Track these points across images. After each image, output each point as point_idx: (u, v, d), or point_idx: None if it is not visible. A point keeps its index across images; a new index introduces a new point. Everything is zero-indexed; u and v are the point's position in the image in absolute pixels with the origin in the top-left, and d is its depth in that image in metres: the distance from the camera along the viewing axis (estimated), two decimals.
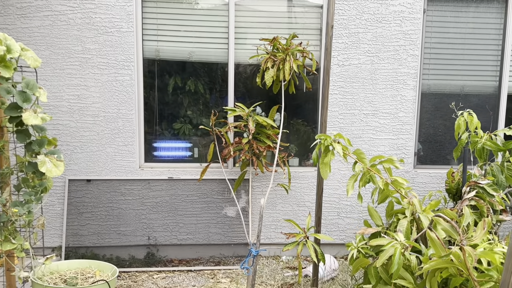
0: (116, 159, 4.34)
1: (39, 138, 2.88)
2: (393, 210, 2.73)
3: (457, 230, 2.00)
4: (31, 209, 2.80)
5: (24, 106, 2.66)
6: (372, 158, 2.77)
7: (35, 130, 2.86)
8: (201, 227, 4.44)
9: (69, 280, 3.07)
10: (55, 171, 2.86)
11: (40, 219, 3.10)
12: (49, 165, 2.83)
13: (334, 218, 4.55)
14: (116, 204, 4.35)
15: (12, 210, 2.69)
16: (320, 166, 2.93)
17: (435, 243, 2.18)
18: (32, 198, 2.86)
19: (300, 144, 4.57)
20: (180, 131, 4.56)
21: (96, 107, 4.24)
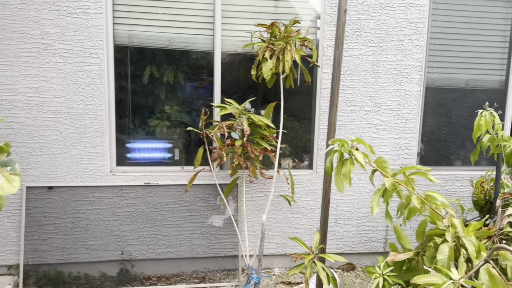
0: (83, 162, 3.72)
1: None
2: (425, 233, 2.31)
3: None
4: None
5: None
6: (402, 169, 2.33)
7: None
8: (182, 238, 3.91)
9: None
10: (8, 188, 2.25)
11: None
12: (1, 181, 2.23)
13: (331, 225, 4.13)
14: (83, 214, 3.74)
15: None
16: (336, 178, 2.46)
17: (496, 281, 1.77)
18: None
19: (292, 144, 4.10)
20: (157, 129, 3.98)
21: (58, 102, 3.59)
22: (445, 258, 2.05)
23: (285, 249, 4.07)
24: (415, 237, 2.39)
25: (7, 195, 3.64)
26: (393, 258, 2.25)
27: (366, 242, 4.18)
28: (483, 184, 2.92)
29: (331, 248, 4.14)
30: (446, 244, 2.10)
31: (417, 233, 2.36)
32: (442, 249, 2.08)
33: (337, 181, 2.47)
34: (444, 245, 2.10)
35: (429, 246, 2.23)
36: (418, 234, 2.36)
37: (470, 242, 2.06)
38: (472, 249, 2.04)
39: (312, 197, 4.04)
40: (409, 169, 2.35)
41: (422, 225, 2.33)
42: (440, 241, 2.15)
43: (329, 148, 2.53)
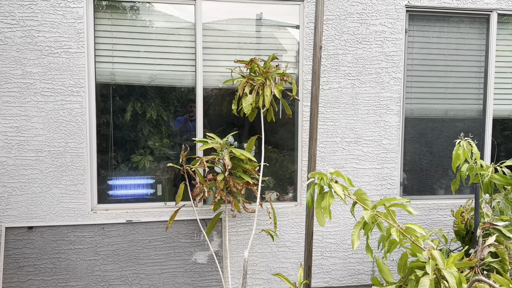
0: (63, 201, 3.66)
1: None
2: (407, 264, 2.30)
3: None
4: None
5: None
6: (380, 201, 2.34)
7: None
8: (166, 277, 3.82)
9: None
10: None
11: None
12: None
13: (317, 258, 4.08)
14: (64, 254, 3.65)
15: None
16: (316, 211, 2.46)
17: None
18: None
19: (276, 176, 4.10)
20: (140, 165, 3.96)
21: (39, 141, 3.57)
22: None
23: (272, 284, 3.99)
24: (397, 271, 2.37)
25: None
26: None
27: (354, 274, 4.13)
28: (463, 213, 2.94)
29: (318, 282, 4.07)
30: (427, 276, 2.09)
31: (398, 266, 2.35)
32: (423, 282, 2.07)
33: (318, 215, 2.47)
34: (424, 277, 2.09)
35: (410, 279, 2.21)
36: (400, 267, 2.34)
37: (451, 274, 2.06)
38: (452, 281, 2.03)
39: (298, 230, 4.01)
40: (388, 201, 2.36)
41: (403, 257, 2.32)
42: (421, 274, 2.14)
43: (309, 181, 2.54)
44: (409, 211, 2.28)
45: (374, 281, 2.41)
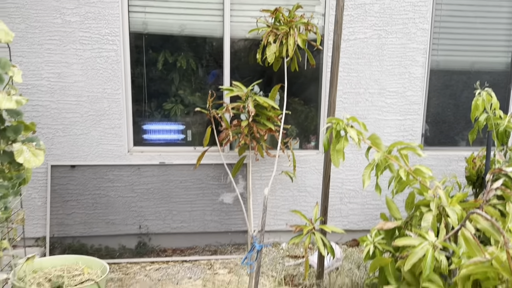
0: (102, 143, 3.99)
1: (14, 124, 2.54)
2: (414, 202, 2.47)
3: (501, 231, 1.75)
4: (7, 205, 2.48)
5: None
6: (392, 144, 2.49)
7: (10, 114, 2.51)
8: (196, 214, 4.17)
9: (54, 279, 2.78)
10: (34, 161, 2.53)
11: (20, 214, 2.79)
12: (27, 155, 2.50)
13: (336, 203, 4.31)
14: (103, 191, 4.03)
15: None
16: (332, 153, 2.65)
17: (470, 244, 1.94)
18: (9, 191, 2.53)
19: (300, 126, 4.27)
20: (172, 112, 4.21)
21: (79, 86, 3.86)
22: (428, 225, 2.22)
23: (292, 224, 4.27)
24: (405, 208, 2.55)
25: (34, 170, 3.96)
26: (382, 226, 2.43)
27: (371, 219, 4.34)
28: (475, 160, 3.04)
29: (337, 225, 4.32)
30: (430, 213, 2.26)
31: (406, 203, 2.53)
32: (426, 217, 2.25)
33: (333, 157, 2.65)
34: (428, 213, 2.27)
35: (415, 216, 2.40)
36: (407, 204, 2.52)
37: (453, 211, 2.22)
38: (454, 217, 2.20)
39: (318, 176, 4.22)
40: (400, 144, 2.51)
41: (411, 196, 2.50)
42: (426, 210, 2.31)
43: (326, 126, 2.70)
44: (418, 153, 2.42)
45: (382, 217, 2.61)
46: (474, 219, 1.88)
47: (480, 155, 3.12)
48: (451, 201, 2.28)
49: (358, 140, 2.58)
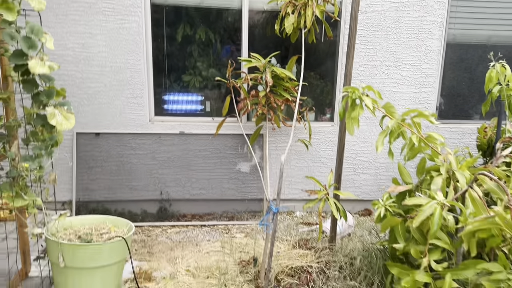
0: (125, 112, 4.16)
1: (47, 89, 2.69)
2: (425, 167, 2.58)
3: (505, 189, 1.85)
4: (42, 164, 2.66)
5: (29, 53, 2.44)
6: (405, 112, 2.59)
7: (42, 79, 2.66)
8: (214, 182, 4.34)
9: (83, 236, 2.99)
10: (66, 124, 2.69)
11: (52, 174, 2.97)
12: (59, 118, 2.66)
13: (350, 174, 4.43)
14: (126, 158, 4.22)
15: (22, 165, 2.55)
16: (347, 121, 2.75)
17: (476, 203, 2.05)
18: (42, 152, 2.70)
19: (316, 99, 4.37)
20: (190, 84, 4.34)
21: (102, 57, 4.00)
22: (437, 188, 2.33)
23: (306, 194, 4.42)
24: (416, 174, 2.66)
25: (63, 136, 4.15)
26: (393, 189, 2.55)
27: (384, 190, 4.46)
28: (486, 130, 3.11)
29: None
30: (440, 177, 2.37)
31: (417, 169, 2.64)
32: (436, 181, 2.36)
33: (348, 125, 2.76)
34: (438, 177, 2.37)
35: (425, 180, 2.51)
36: (418, 170, 2.63)
37: (462, 175, 2.33)
38: (463, 181, 2.31)
39: (332, 148, 4.33)
40: (413, 112, 2.60)
41: (422, 162, 2.60)
42: (436, 175, 2.42)
43: (342, 94, 2.80)
44: (431, 120, 2.51)
45: (394, 182, 2.73)
46: (481, 179, 1.99)
47: (492, 125, 3.18)
48: (461, 166, 2.38)
49: (373, 108, 2.68)
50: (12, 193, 2.60)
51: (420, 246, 2.26)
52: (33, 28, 2.44)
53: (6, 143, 2.69)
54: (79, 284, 2.79)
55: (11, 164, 2.64)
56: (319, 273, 3.20)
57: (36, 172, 2.64)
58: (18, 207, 2.75)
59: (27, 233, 3.04)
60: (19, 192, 2.65)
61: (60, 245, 2.77)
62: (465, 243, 2.07)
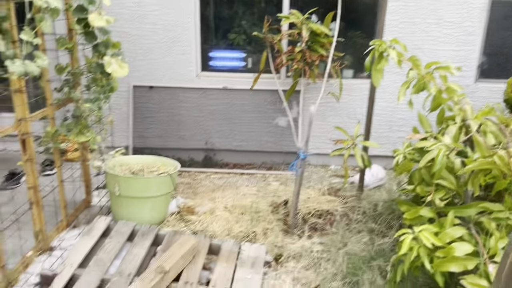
0: (174, 67, 4.53)
1: (104, 40, 3.09)
2: (444, 117, 2.71)
3: (504, 132, 1.99)
4: (101, 106, 3.10)
5: (89, 8, 2.83)
6: (427, 64, 2.71)
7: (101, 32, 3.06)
8: (253, 135, 4.66)
9: (136, 172, 3.45)
10: (120, 72, 3.09)
11: (109, 117, 3.43)
12: (115, 66, 3.06)
13: (385, 131, 4.56)
14: (176, 110, 4.63)
15: (84, 106, 3.00)
16: (373, 73, 2.92)
17: (481, 146, 2.20)
18: (101, 96, 3.14)
19: (355, 56, 4.48)
20: (235, 41, 4.61)
21: (155, 15, 4.36)
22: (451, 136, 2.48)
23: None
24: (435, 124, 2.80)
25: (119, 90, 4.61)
26: (411, 137, 2.72)
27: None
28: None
29: (384, 151, 4.59)
30: (455, 125, 2.52)
31: (437, 118, 2.78)
32: (450, 129, 2.51)
33: (374, 77, 2.93)
34: (452, 126, 2.52)
35: (442, 128, 2.66)
36: (438, 119, 2.77)
37: (475, 123, 2.45)
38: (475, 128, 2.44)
39: None
40: (435, 64, 2.72)
41: (441, 112, 2.73)
42: (452, 124, 2.56)
43: (370, 48, 2.96)
44: (451, 72, 2.62)
45: (414, 130, 2.89)
46: (484, 123, 2.13)
47: None
48: (477, 116, 2.50)
49: (398, 60, 2.82)
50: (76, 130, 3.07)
51: (429, 187, 2.45)
52: None
53: (72, 88, 3.16)
54: (132, 210, 3.28)
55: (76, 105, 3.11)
56: (343, 216, 3.47)
57: (96, 113, 3.09)
58: (81, 143, 3.23)
59: (88, 166, 3.56)
60: (82, 129, 3.12)
61: (116, 177, 3.24)
62: (469, 183, 2.24)
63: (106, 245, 2.70)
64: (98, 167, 3.28)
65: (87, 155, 3.54)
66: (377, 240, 3.16)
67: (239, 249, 2.82)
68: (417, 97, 2.73)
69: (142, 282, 2.29)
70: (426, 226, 2.19)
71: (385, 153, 4.59)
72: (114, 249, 2.67)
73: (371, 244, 3.10)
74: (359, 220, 3.40)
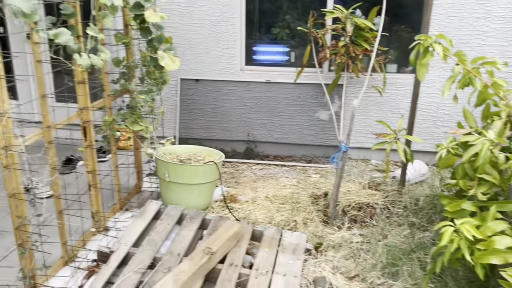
0: (219, 61, 4.70)
1: (158, 36, 3.28)
2: (489, 112, 2.71)
3: None
4: (154, 97, 3.30)
5: (145, 5, 3.02)
6: (474, 59, 2.71)
7: (155, 27, 3.25)
8: (294, 128, 4.76)
9: (184, 160, 3.64)
10: (172, 66, 3.27)
11: (161, 108, 3.63)
12: (167, 60, 3.25)
13: (429, 126, 4.53)
14: (220, 102, 4.80)
15: (139, 97, 3.21)
16: (418, 68, 2.95)
17: None
18: (154, 88, 3.34)
19: (400, 50, 4.47)
20: (278, 36, 4.72)
21: (203, 11, 4.53)
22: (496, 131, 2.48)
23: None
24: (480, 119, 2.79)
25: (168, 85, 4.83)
26: (455, 132, 2.73)
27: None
28: None
29: (428, 147, 4.56)
30: (500, 120, 2.51)
31: (482, 114, 2.77)
32: (495, 124, 2.51)
33: (418, 71, 2.96)
34: (498, 121, 2.52)
35: (488, 124, 2.66)
36: (483, 115, 2.76)
37: None
38: None
39: None
40: (481, 59, 2.72)
41: (487, 107, 2.72)
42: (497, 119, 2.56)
43: (414, 42, 2.98)
44: (497, 67, 2.61)
45: (458, 125, 2.89)
46: None
47: None
48: None
49: (444, 55, 2.83)
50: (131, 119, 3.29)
51: (472, 182, 2.47)
52: None
53: (127, 80, 3.38)
54: (180, 196, 3.47)
55: (131, 96, 3.33)
56: (384, 209, 3.51)
57: (149, 104, 3.30)
58: (135, 131, 3.45)
59: (140, 154, 3.79)
60: (137, 119, 3.33)
61: (166, 164, 3.45)
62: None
63: (158, 226, 2.90)
64: (150, 155, 3.49)
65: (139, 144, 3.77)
66: (417, 233, 3.19)
67: (281, 236, 2.94)
68: (462, 92, 2.74)
69: (191, 261, 2.46)
70: (468, 219, 2.22)
71: (428, 149, 4.57)
72: (165, 231, 2.86)
73: (411, 237, 3.14)
74: (400, 214, 3.44)
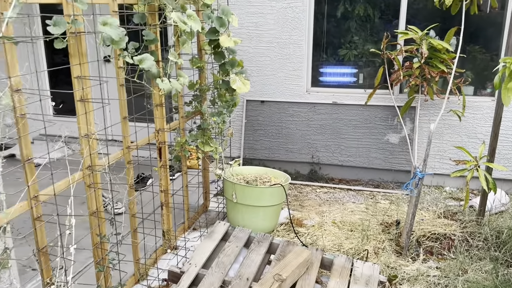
0: (286, 83, 4.70)
1: (230, 60, 3.35)
2: None
3: None
4: (225, 119, 3.36)
5: (220, 31, 3.10)
6: None
7: (228, 51, 3.32)
8: (361, 151, 4.62)
9: (250, 181, 3.64)
10: (243, 88, 3.32)
11: (230, 129, 3.69)
12: (239, 83, 3.30)
13: (509, 153, 4.21)
14: (284, 124, 4.79)
15: (211, 119, 3.27)
16: (502, 92, 2.76)
17: None
18: (224, 110, 3.39)
19: (476, 72, 4.23)
20: (345, 57, 4.65)
21: (270, 34, 4.59)
22: None
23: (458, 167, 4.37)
24: None
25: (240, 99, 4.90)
26: None
27: None
28: None
29: (507, 174, 4.24)
30: None
31: None
32: None
33: (503, 95, 2.78)
34: None
35: None
36: None
37: None
38: None
39: (491, 123, 4.16)
40: None
41: None
42: None
43: (499, 65, 2.80)
44: None
45: None
46: None
47: None
48: None
49: None
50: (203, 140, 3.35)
51: None
52: (224, 10, 3.07)
53: (199, 102, 3.46)
54: (247, 217, 3.47)
55: (203, 118, 3.40)
56: (462, 241, 3.28)
57: (220, 125, 3.35)
58: (205, 152, 3.52)
59: (208, 173, 3.85)
60: (207, 140, 3.39)
61: (234, 185, 3.46)
62: None
63: (226, 248, 2.89)
64: (219, 175, 3.54)
65: (208, 164, 3.83)
66: (501, 269, 2.93)
67: (352, 266, 2.82)
68: None
69: (261, 287, 2.42)
70: None
71: (508, 177, 4.25)
72: (233, 253, 2.85)
73: (494, 273, 2.89)
74: (480, 246, 3.19)
